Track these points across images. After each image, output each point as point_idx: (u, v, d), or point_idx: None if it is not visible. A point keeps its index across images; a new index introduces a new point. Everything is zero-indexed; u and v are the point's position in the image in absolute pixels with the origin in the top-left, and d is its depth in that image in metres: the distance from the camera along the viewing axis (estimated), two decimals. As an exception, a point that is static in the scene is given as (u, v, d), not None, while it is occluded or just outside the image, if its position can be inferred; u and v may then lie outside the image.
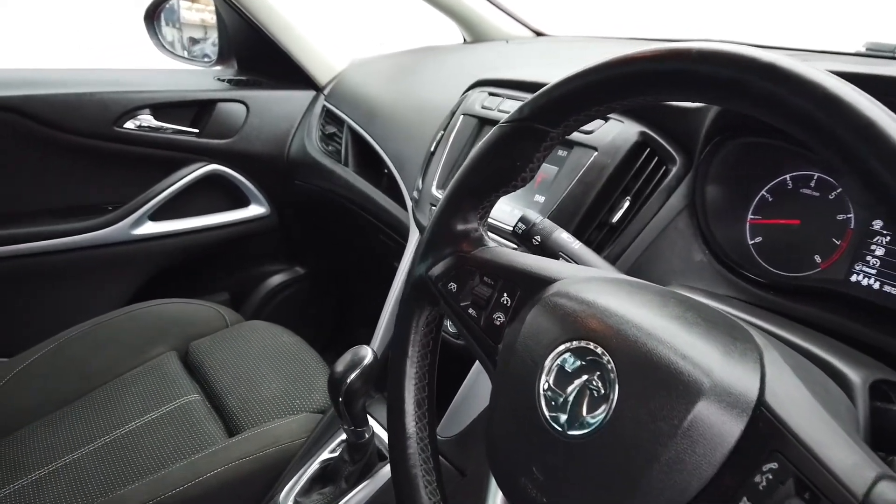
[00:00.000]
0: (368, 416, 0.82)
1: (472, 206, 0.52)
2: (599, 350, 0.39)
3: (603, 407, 0.37)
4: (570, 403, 0.39)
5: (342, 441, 0.88)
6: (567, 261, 0.58)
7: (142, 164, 1.46)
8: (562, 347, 0.40)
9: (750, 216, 0.67)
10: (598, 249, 0.72)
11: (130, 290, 1.52)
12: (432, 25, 1.70)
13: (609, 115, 0.75)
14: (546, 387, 0.40)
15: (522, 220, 0.62)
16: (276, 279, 1.77)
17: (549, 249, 0.59)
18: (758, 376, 0.35)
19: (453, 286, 0.51)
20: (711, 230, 0.67)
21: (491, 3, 1.63)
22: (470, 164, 0.51)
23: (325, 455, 0.88)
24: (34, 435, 1.01)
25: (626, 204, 0.71)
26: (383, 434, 0.90)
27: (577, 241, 0.59)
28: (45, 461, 0.95)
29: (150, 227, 1.47)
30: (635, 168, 0.71)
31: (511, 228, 0.76)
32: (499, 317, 0.48)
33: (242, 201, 1.61)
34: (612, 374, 0.37)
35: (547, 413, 0.40)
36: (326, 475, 0.87)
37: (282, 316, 1.74)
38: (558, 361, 0.40)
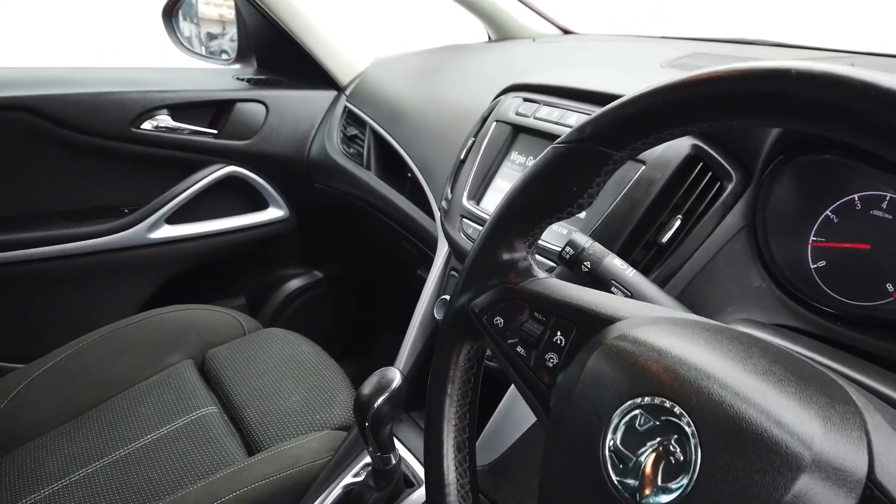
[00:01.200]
0: (395, 439, 0.78)
1: (520, 234, 0.47)
2: (677, 409, 0.34)
3: (682, 476, 0.32)
4: (641, 467, 0.34)
5: (366, 465, 0.84)
6: (621, 290, 0.53)
7: (159, 165, 1.43)
8: (630, 403, 0.36)
9: (812, 237, 0.62)
10: (645, 271, 0.67)
11: (147, 294, 1.50)
12: (455, 21, 1.65)
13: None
14: (612, 446, 0.36)
15: (571, 243, 0.56)
16: (295, 283, 1.73)
17: (599, 277, 0.54)
18: (864, 447, 0.31)
19: (499, 321, 0.47)
20: (772, 253, 0.62)
21: (517, -1, 1.58)
22: (519, 187, 0.46)
23: (349, 479, 0.84)
24: (49, 445, 0.98)
25: (678, 223, 0.65)
26: (410, 459, 0.86)
27: (631, 268, 0.54)
28: (59, 474, 0.92)
29: (167, 231, 1.44)
30: (687, 184, 0.66)
31: (553, 248, 0.72)
32: (551, 358, 0.43)
33: (261, 204, 1.57)
34: (692, 440, 0.33)
35: (614, 476, 0.35)
36: (350, 501, 0.83)
37: (300, 321, 1.71)
38: (626, 419, 0.36)
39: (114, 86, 1.34)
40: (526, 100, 0.88)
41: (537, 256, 0.59)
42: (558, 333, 0.43)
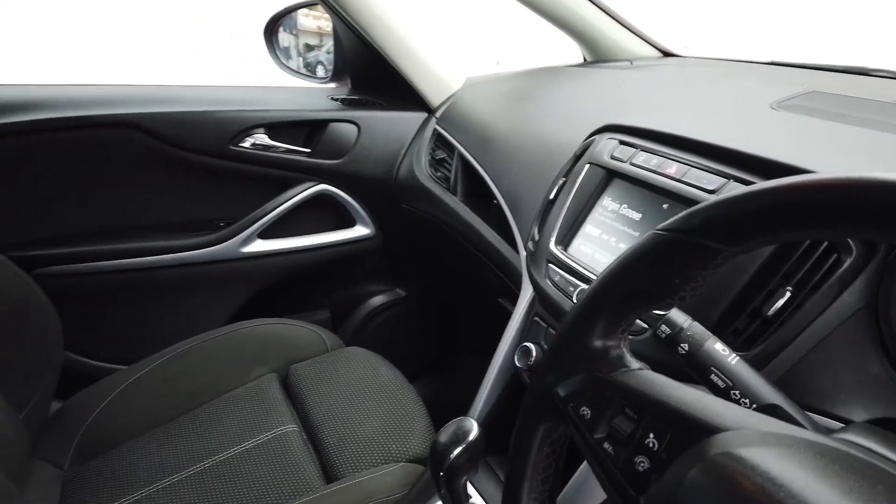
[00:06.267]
0: (469, 486, 0.76)
1: (613, 321, 0.44)
2: None
3: None
4: None
5: (439, 508, 0.83)
6: (721, 378, 0.49)
7: (254, 182, 1.48)
8: None
9: (942, 321, 0.55)
10: (748, 342, 0.62)
11: (237, 304, 1.55)
12: (549, 37, 1.61)
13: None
14: None
15: (667, 322, 0.53)
16: (378, 300, 1.75)
17: (697, 361, 0.50)
18: None
19: (586, 412, 0.44)
20: (895, 338, 0.56)
21: (615, 19, 1.52)
22: (614, 272, 0.43)
23: (421, 523, 0.84)
24: (140, 450, 1.04)
25: (787, 295, 0.60)
26: (484, 508, 0.84)
27: (734, 355, 0.50)
28: (148, 480, 0.97)
29: (260, 245, 1.49)
30: (800, 252, 0.60)
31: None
32: (642, 462, 0.40)
33: (349, 221, 1.60)
34: None
35: None
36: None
37: (381, 336, 1.73)
38: None
39: (216, 105, 1.40)
40: (622, 142, 0.84)
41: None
42: (651, 436, 0.40)
